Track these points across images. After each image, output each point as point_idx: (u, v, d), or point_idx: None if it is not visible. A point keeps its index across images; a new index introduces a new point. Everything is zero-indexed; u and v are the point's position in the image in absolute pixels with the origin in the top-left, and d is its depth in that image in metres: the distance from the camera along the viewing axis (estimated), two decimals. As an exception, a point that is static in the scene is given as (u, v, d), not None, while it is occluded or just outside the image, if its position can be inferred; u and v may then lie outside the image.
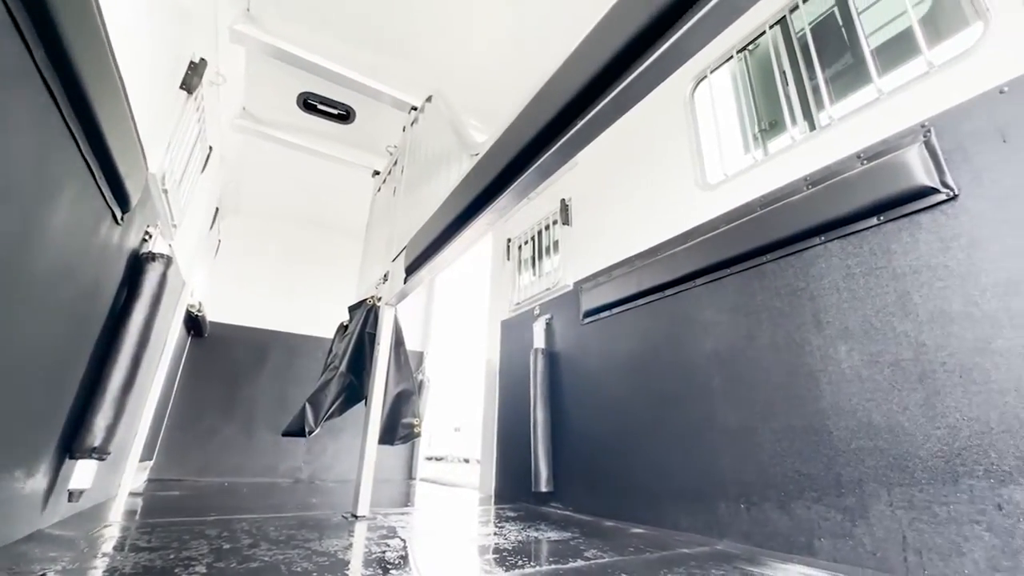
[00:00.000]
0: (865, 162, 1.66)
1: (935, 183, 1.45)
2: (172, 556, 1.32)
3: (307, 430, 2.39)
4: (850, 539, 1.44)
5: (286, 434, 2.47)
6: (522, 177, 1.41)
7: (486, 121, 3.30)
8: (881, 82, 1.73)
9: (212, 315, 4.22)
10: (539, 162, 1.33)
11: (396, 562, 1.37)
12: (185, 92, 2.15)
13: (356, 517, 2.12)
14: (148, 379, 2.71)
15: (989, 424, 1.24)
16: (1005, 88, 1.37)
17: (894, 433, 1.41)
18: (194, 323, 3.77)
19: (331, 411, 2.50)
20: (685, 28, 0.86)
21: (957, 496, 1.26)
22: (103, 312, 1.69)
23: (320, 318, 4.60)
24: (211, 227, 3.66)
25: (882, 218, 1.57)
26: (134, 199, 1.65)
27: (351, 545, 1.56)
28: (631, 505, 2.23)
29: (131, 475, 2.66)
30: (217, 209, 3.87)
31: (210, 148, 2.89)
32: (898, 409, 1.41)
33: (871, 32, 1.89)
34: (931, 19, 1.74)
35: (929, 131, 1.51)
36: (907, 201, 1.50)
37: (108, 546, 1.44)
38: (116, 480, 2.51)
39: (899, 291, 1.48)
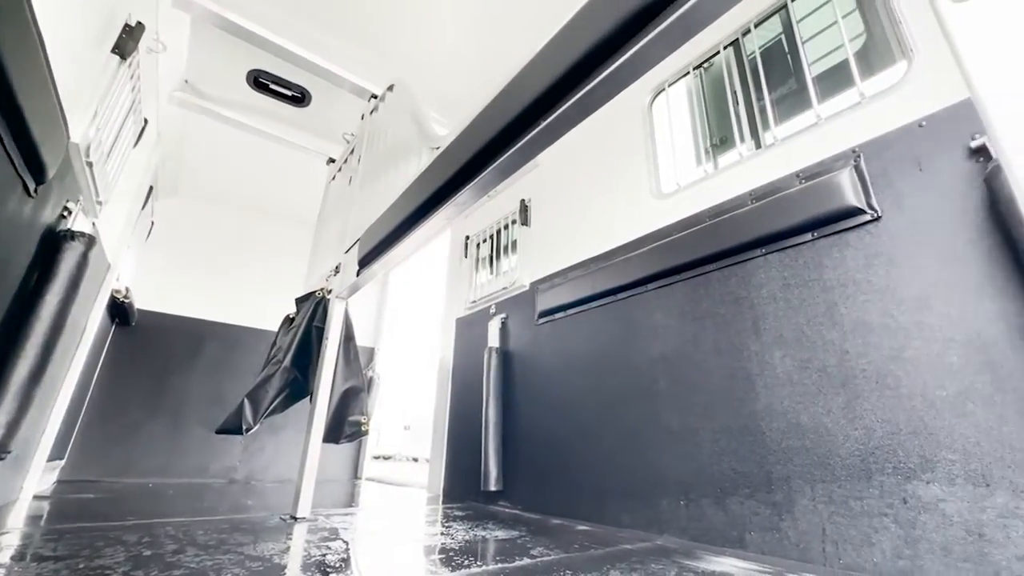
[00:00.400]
0: (803, 181, 1.78)
1: (862, 204, 1.58)
2: (82, 565, 1.20)
3: (244, 427, 2.26)
4: (777, 532, 1.54)
5: (221, 431, 2.32)
6: (483, 174, 1.40)
7: (448, 115, 3.26)
8: (820, 108, 1.86)
9: (141, 302, 3.89)
10: (500, 160, 1.32)
11: (337, 565, 1.32)
12: (118, 57, 1.96)
13: (296, 519, 2.02)
14: (61, 370, 2.45)
15: (898, 426, 1.37)
16: (923, 123, 1.52)
17: (819, 433, 1.52)
18: (119, 310, 3.46)
19: (272, 407, 2.37)
20: (648, 38, 0.89)
21: (870, 491, 1.38)
22: (8, 295, 1.51)
23: (263, 310, 4.36)
24: (143, 207, 3.37)
25: (816, 234, 1.69)
26: (51, 170, 1.48)
27: (289, 548, 1.49)
28: (578, 503, 2.27)
29: (37, 476, 2.40)
30: (151, 188, 3.57)
31: (145, 121, 2.66)
32: (823, 411, 1.53)
33: (813, 61, 2.04)
34: (865, 54, 1.90)
35: (859, 156, 1.64)
36: (838, 220, 1.63)
37: (5, 556, 1.29)
38: (18, 482, 2.25)
39: (828, 302, 1.61)
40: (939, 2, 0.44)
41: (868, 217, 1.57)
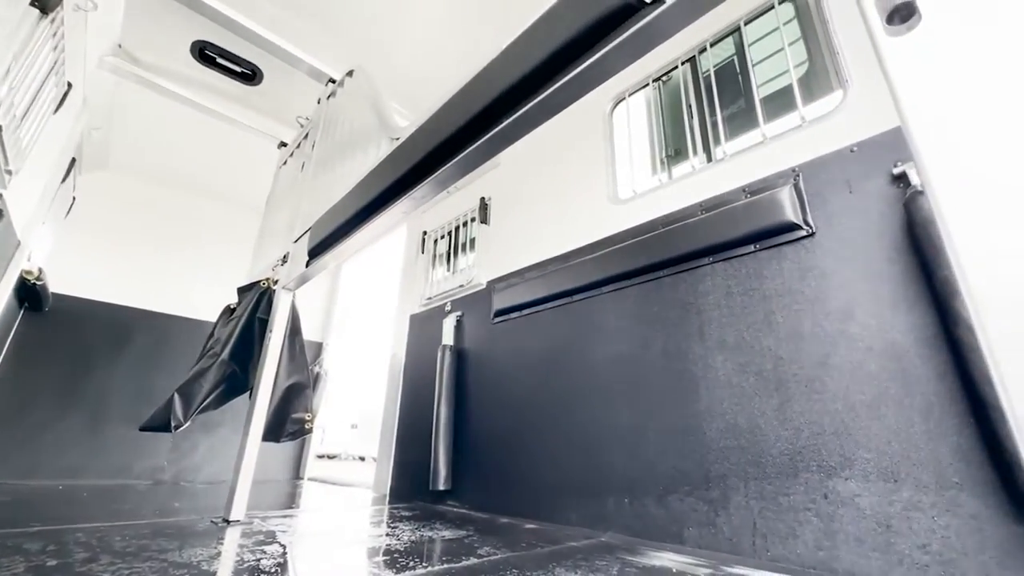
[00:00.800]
0: (748, 196, 1.88)
1: (799, 221, 1.69)
2: (-30, 579, 1.06)
3: (174, 424, 2.09)
4: (713, 527, 1.62)
5: (146, 428, 2.14)
6: (443, 168, 1.37)
7: (409, 107, 3.19)
8: (765, 128, 1.98)
9: (57, 286, 3.52)
10: (462, 155, 1.31)
11: (273, 570, 1.25)
12: (37, 11, 1.76)
13: (228, 522, 1.90)
14: (-46, 359, 2.17)
15: (823, 427, 1.48)
16: (855, 148, 1.65)
17: (753, 434, 1.62)
18: (30, 293, 3.11)
19: (206, 403, 2.22)
20: (611, 45, 0.90)
21: (796, 488, 1.48)
22: None
23: (200, 299, 4.08)
24: (63, 180, 3.05)
25: (757, 246, 1.79)
26: (-51, 132, 1.31)
27: (219, 554, 1.40)
28: (527, 501, 2.29)
29: (-82, 479, 2.12)
30: (74, 160, 3.24)
31: (69, 85, 2.41)
32: (758, 413, 1.63)
33: (761, 83, 2.16)
34: (807, 80, 2.04)
35: (798, 175, 1.76)
36: (778, 233, 1.74)
37: None
38: None
39: (766, 311, 1.71)
40: (877, 34, 0.48)
41: (804, 233, 1.68)
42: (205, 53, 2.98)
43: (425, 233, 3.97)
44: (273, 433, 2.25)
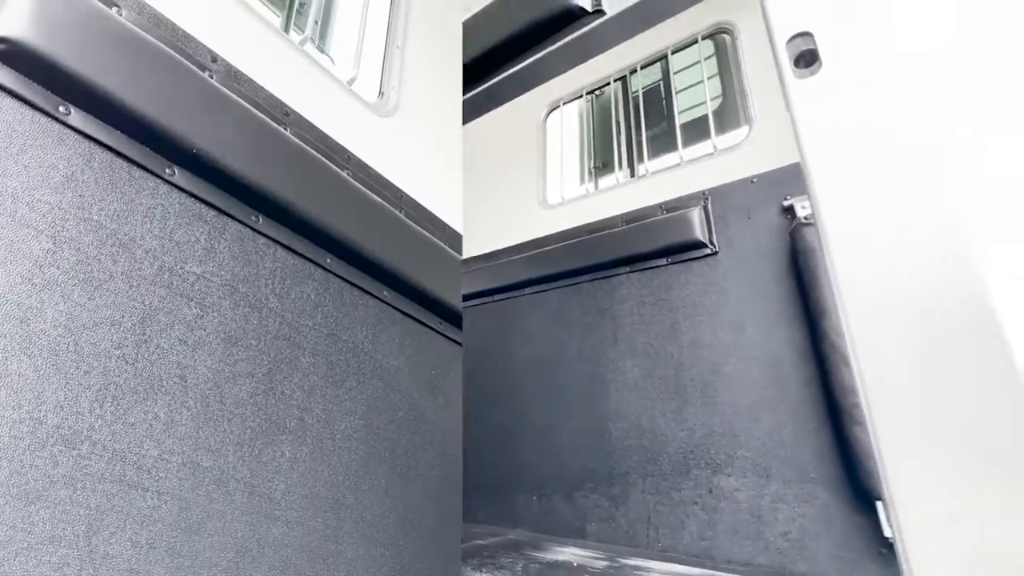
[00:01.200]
0: (664, 212, 2.02)
1: (706, 240, 1.85)
2: None
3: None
4: (612, 521, 1.71)
5: None
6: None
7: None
8: (683, 152, 2.14)
9: None
10: (392, 141, 1.25)
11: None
12: None
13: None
14: None
15: (713, 429, 1.63)
16: (755, 179, 1.84)
17: (654, 434, 1.74)
18: None
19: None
20: (550, 48, 0.92)
21: (687, 483, 1.61)
22: None
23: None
24: None
25: (669, 260, 1.93)
26: None
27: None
28: (435, 501, 2.25)
29: None
30: None
31: None
32: (659, 415, 1.75)
33: (682, 110, 2.34)
34: (720, 113, 2.24)
35: (707, 198, 1.93)
36: (687, 250, 1.89)
37: None
38: None
39: (672, 320, 1.85)
40: (786, 76, 0.54)
41: (709, 251, 1.85)
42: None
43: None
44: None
